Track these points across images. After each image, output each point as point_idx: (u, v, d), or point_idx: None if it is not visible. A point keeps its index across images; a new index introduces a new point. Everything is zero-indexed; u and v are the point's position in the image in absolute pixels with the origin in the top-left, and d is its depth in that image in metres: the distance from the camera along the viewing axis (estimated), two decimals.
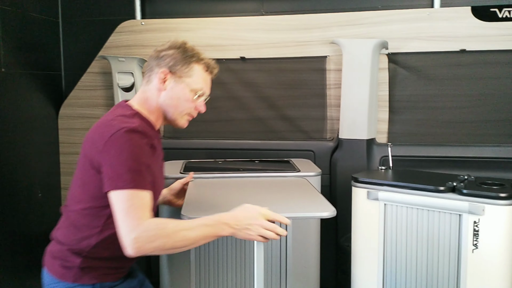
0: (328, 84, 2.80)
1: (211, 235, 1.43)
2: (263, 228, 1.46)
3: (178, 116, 1.65)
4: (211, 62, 1.69)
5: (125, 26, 2.94)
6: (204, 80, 1.67)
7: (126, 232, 1.37)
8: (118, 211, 1.41)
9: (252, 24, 2.85)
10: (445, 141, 2.66)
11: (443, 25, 2.63)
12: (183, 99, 1.63)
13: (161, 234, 1.38)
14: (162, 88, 1.62)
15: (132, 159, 1.43)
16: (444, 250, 1.96)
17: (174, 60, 1.61)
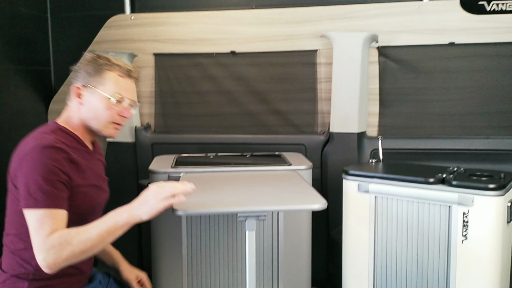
0: (319, 78, 2.80)
1: (112, 226, 1.44)
2: (161, 195, 1.45)
3: (102, 126, 1.64)
4: (126, 66, 1.67)
5: (115, 20, 2.92)
6: (120, 85, 1.64)
7: (37, 253, 1.42)
8: (30, 229, 1.45)
9: (242, 18, 2.85)
10: (435, 134, 2.68)
11: (432, 18, 2.64)
12: (101, 109, 1.62)
13: (65, 243, 1.40)
14: (80, 103, 1.62)
15: (44, 177, 1.44)
16: (434, 241, 1.98)
17: (87, 73, 1.61)
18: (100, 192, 1.72)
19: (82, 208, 1.57)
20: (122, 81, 1.64)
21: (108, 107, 1.61)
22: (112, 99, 1.61)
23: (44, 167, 1.45)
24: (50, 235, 1.42)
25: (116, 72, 1.63)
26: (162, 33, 2.90)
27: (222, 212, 1.90)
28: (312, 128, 2.84)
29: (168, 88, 2.94)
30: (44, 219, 1.43)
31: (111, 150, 2.93)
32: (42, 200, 1.43)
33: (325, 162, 2.71)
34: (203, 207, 1.68)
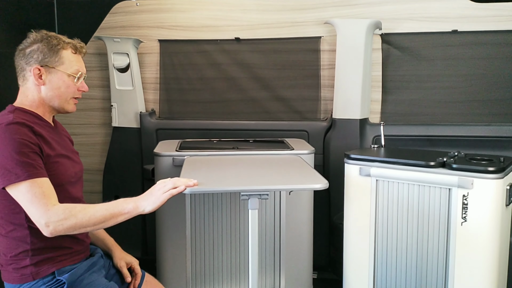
0: (322, 65, 2.82)
1: (117, 211, 1.52)
2: (165, 187, 1.57)
3: (65, 103, 1.69)
4: (77, 43, 1.71)
5: (120, 7, 2.94)
6: (76, 61, 1.69)
7: (37, 219, 1.48)
8: (23, 203, 1.50)
9: (247, 4, 2.86)
10: (437, 121, 2.70)
11: (436, 5, 2.65)
12: (64, 87, 1.66)
13: (69, 215, 1.48)
14: (40, 83, 1.65)
15: (17, 151, 1.49)
16: (434, 224, 2.01)
17: (42, 53, 1.64)
18: (72, 163, 1.75)
19: (60, 179, 1.61)
20: (77, 58, 1.70)
21: (70, 84, 1.67)
22: (74, 76, 1.66)
23: (14, 142, 1.49)
24: (52, 205, 1.48)
25: (70, 49, 1.68)
26: (167, 20, 2.92)
27: (225, 190, 1.93)
28: (315, 115, 2.87)
29: (172, 74, 2.97)
30: (34, 189, 1.48)
31: (116, 136, 2.97)
32: (23, 173, 1.48)
33: (327, 148, 2.73)
34: (207, 186, 1.71)
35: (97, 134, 3.08)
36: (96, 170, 3.09)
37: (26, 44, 1.66)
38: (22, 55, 1.66)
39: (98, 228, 1.53)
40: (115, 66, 2.88)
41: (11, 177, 1.48)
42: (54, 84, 1.65)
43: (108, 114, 3.00)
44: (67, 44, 1.67)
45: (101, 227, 1.53)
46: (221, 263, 2.30)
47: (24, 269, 1.59)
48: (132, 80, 2.88)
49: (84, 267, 1.69)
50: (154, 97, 3.01)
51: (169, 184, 1.58)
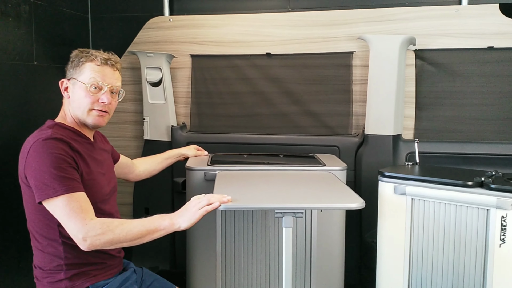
0: (354, 80, 2.80)
1: (153, 228, 1.54)
2: (200, 204, 1.59)
3: (84, 115, 1.69)
4: (105, 55, 1.72)
5: (154, 22, 2.99)
6: (96, 71, 1.68)
7: (75, 233, 1.49)
8: (61, 218, 1.51)
9: (278, 20, 2.88)
10: (471, 138, 2.65)
11: (471, 22, 2.62)
12: (80, 97, 1.68)
13: (106, 230, 1.50)
14: (67, 96, 1.70)
15: (55, 166, 1.51)
16: (471, 245, 1.95)
17: (70, 67, 1.70)
18: (107, 180, 1.78)
19: (93, 197, 1.62)
20: (99, 69, 1.69)
21: (86, 94, 1.67)
22: (88, 86, 1.66)
23: (51, 157, 1.52)
24: (89, 219, 1.50)
25: (94, 62, 1.69)
26: (199, 35, 2.95)
27: (260, 207, 1.92)
28: (346, 130, 2.84)
29: (204, 89, 2.99)
30: (71, 204, 1.50)
31: (148, 148, 2.99)
32: (60, 187, 1.50)
33: (359, 164, 2.70)
34: (240, 202, 1.70)
35: (129, 147, 3.11)
36: (127, 182, 3.10)
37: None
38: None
39: (134, 244, 1.54)
40: (148, 80, 2.91)
41: (48, 191, 1.50)
42: (74, 95, 1.69)
43: (140, 127, 3.03)
44: (95, 57, 1.69)
45: (137, 243, 1.54)
46: (251, 280, 2.28)
47: (59, 283, 1.60)
48: (165, 94, 2.91)
49: (117, 283, 1.70)
50: (185, 111, 3.03)
51: (204, 201, 1.59)
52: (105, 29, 3.15)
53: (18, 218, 2.39)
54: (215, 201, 1.59)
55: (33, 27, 2.54)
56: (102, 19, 3.15)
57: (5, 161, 2.33)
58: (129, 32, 3.05)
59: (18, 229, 2.40)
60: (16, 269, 2.38)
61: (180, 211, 1.59)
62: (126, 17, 3.12)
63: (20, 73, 2.45)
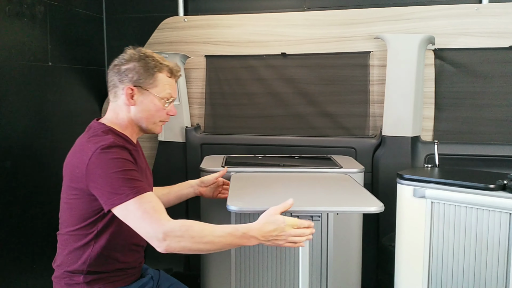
0: (371, 80, 2.75)
1: (236, 244, 1.49)
2: (291, 236, 1.51)
3: (153, 126, 1.67)
4: (173, 66, 1.68)
5: (168, 22, 2.97)
6: (170, 85, 1.66)
7: (153, 234, 1.43)
8: (134, 221, 1.45)
9: (293, 19, 2.84)
10: (492, 140, 2.58)
11: (492, 21, 2.55)
12: (154, 110, 1.64)
13: (186, 235, 1.43)
14: (131, 103, 1.62)
15: (121, 172, 1.46)
16: (493, 250, 1.89)
17: (137, 74, 1.61)
18: (149, 185, 1.76)
19: None
20: (171, 82, 1.67)
21: (161, 108, 1.65)
22: (164, 101, 1.64)
23: (117, 163, 1.47)
24: (166, 220, 1.44)
25: (165, 73, 1.65)
26: (214, 35, 2.93)
27: None
28: (363, 131, 2.79)
29: (218, 90, 2.96)
30: (143, 206, 1.44)
31: (162, 149, 2.98)
32: (130, 190, 1.45)
33: (377, 166, 2.65)
34: (255, 205, 1.67)
35: (143, 148, 3.08)
36: None
37: (123, 60, 1.64)
38: (117, 71, 1.64)
39: (211, 252, 1.53)
40: None
41: (120, 197, 1.45)
42: (144, 106, 1.63)
43: None
44: (164, 67, 1.65)
45: (212, 252, 1.53)
46: (266, 282, 2.25)
47: (76, 286, 1.58)
48: (179, 95, 2.89)
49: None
50: (200, 112, 3.01)
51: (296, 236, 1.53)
52: (120, 29, 3.14)
53: (32, 219, 2.40)
54: (302, 240, 1.54)
55: (48, 28, 2.54)
56: (117, 20, 3.14)
57: (20, 161, 2.33)
58: (143, 33, 3.03)
59: (33, 231, 2.41)
60: (30, 270, 2.38)
61: (269, 235, 1.49)
62: (140, 18, 3.11)
63: (35, 74, 2.45)
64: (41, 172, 2.49)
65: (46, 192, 2.52)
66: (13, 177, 2.29)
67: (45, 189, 2.52)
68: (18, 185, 2.32)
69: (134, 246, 1.68)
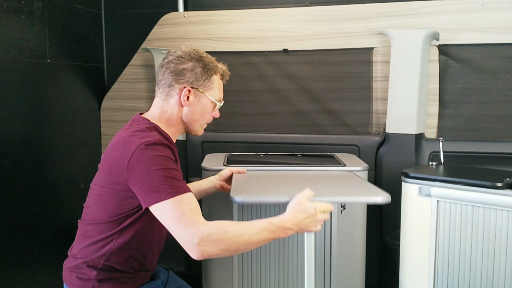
0: (375, 77, 2.72)
1: (272, 238, 1.45)
2: (320, 221, 1.52)
3: (199, 128, 1.67)
4: (226, 70, 1.69)
5: (168, 18, 2.93)
6: (221, 88, 1.67)
7: (187, 239, 1.36)
8: (170, 222, 1.40)
9: (295, 15, 2.80)
10: (498, 137, 2.55)
11: (497, 16, 2.51)
12: (205, 112, 1.64)
13: (224, 237, 1.37)
14: (185, 105, 1.60)
15: (163, 169, 1.42)
16: (500, 249, 1.86)
17: (195, 75, 1.59)
18: None
19: None
20: (221, 85, 1.69)
21: (210, 111, 1.65)
22: (219, 103, 1.66)
23: (160, 160, 1.44)
24: (202, 223, 1.39)
25: (219, 75, 1.66)
26: (215, 31, 2.89)
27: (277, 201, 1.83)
28: (366, 129, 2.76)
29: None
30: (182, 207, 1.39)
31: None
32: (171, 189, 1.40)
33: (380, 164, 2.62)
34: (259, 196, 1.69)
35: None
36: None
37: (181, 59, 1.61)
38: (174, 70, 1.60)
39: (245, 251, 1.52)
40: None
41: (160, 195, 1.40)
42: (197, 108, 1.62)
43: None
44: (218, 69, 1.65)
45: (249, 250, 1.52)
46: (269, 282, 2.22)
47: (87, 282, 1.55)
48: None
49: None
50: None
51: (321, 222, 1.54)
52: (119, 26, 3.11)
53: (32, 218, 2.37)
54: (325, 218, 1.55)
55: (46, 25, 2.50)
56: (116, 16, 3.10)
57: (19, 159, 2.30)
58: (143, 29, 3.00)
59: (31, 230, 2.38)
60: (30, 271, 2.35)
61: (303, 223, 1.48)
62: (140, 14, 3.07)
63: (33, 71, 2.42)
64: (41, 171, 2.46)
65: (45, 191, 2.49)
66: (12, 176, 2.26)
67: (44, 187, 2.49)
68: (17, 183, 2.29)
69: (156, 248, 1.66)
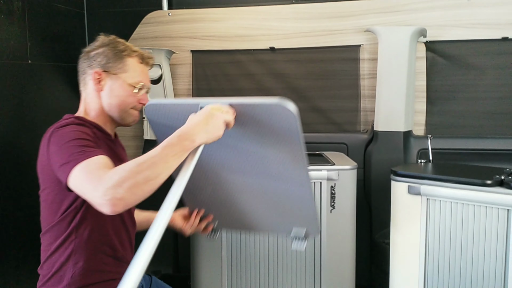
0: (362, 74, 2.70)
1: (180, 150, 1.20)
2: (223, 119, 1.25)
3: (124, 113, 1.59)
4: (145, 53, 1.63)
5: (152, 17, 2.88)
6: (141, 72, 1.61)
7: (93, 194, 1.21)
8: (81, 189, 1.29)
9: (282, 13, 2.77)
10: (486, 133, 2.55)
11: (484, 11, 2.51)
12: (124, 96, 1.57)
13: (124, 174, 1.17)
14: (99, 89, 1.56)
15: (75, 139, 1.37)
16: (490, 247, 1.86)
17: (106, 57, 1.56)
18: None
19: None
20: (142, 69, 1.62)
21: (130, 94, 1.58)
22: (138, 85, 1.58)
23: (72, 134, 1.39)
24: (104, 173, 1.23)
25: (136, 58, 1.60)
26: (200, 30, 2.85)
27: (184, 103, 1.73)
28: (354, 127, 2.74)
29: (205, 86, 2.89)
30: (88, 167, 1.28)
31: (148, 148, 2.83)
32: (82, 155, 1.31)
33: (369, 162, 2.61)
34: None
35: (128, 147, 3.00)
36: None
37: (93, 46, 1.60)
38: (86, 58, 1.59)
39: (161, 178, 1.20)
40: None
41: (71, 163, 1.30)
42: (114, 92, 1.57)
43: (140, 126, 2.92)
44: (134, 52, 1.60)
45: (166, 175, 1.21)
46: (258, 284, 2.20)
47: None
48: (164, 92, 2.81)
49: None
50: None
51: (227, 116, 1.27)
52: (102, 25, 3.03)
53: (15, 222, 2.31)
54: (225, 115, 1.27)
55: (26, 24, 2.44)
56: (99, 15, 3.04)
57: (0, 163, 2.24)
58: (126, 28, 2.94)
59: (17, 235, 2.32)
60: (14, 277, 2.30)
61: (204, 124, 1.22)
62: (123, 12, 3.01)
63: (14, 73, 2.36)
64: (23, 174, 2.40)
65: (28, 194, 2.42)
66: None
67: (27, 190, 2.42)
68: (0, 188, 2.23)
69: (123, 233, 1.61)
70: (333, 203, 2.17)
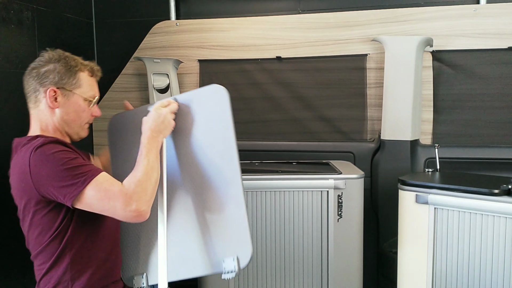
0: (369, 83, 2.71)
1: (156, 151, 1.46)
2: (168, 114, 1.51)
3: (79, 128, 1.58)
4: (94, 66, 1.61)
5: (160, 27, 2.91)
6: (93, 85, 1.59)
7: (124, 207, 1.36)
8: (99, 205, 1.39)
9: (288, 22, 2.79)
10: (493, 142, 2.55)
11: (490, 21, 2.52)
12: (80, 111, 1.55)
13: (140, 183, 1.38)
14: (55, 106, 1.53)
15: (66, 163, 1.39)
16: (498, 256, 1.86)
17: (59, 74, 1.52)
18: None
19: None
20: (93, 81, 1.59)
21: (85, 109, 1.56)
22: (93, 100, 1.57)
23: (59, 155, 1.40)
24: (122, 187, 1.38)
25: (87, 72, 1.57)
26: (207, 39, 2.87)
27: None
28: (361, 135, 2.75)
29: None
30: (103, 185, 1.38)
31: None
32: (84, 176, 1.37)
33: (376, 171, 2.60)
34: None
35: None
36: None
37: (41, 63, 1.54)
38: (36, 75, 1.53)
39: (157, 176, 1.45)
40: (155, 86, 2.82)
41: (75, 186, 1.36)
42: (70, 108, 1.54)
43: None
44: (85, 67, 1.56)
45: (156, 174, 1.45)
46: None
47: None
48: None
49: None
50: None
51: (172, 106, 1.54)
52: (110, 35, 3.07)
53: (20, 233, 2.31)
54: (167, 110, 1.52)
55: (36, 34, 2.47)
56: (107, 25, 3.07)
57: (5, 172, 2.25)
58: (134, 38, 2.97)
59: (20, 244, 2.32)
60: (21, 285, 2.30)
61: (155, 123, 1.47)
62: (131, 22, 3.04)
63: None
64: None
65: None
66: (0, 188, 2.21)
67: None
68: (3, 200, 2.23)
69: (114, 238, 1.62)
70: (340, 212, 2.17)
